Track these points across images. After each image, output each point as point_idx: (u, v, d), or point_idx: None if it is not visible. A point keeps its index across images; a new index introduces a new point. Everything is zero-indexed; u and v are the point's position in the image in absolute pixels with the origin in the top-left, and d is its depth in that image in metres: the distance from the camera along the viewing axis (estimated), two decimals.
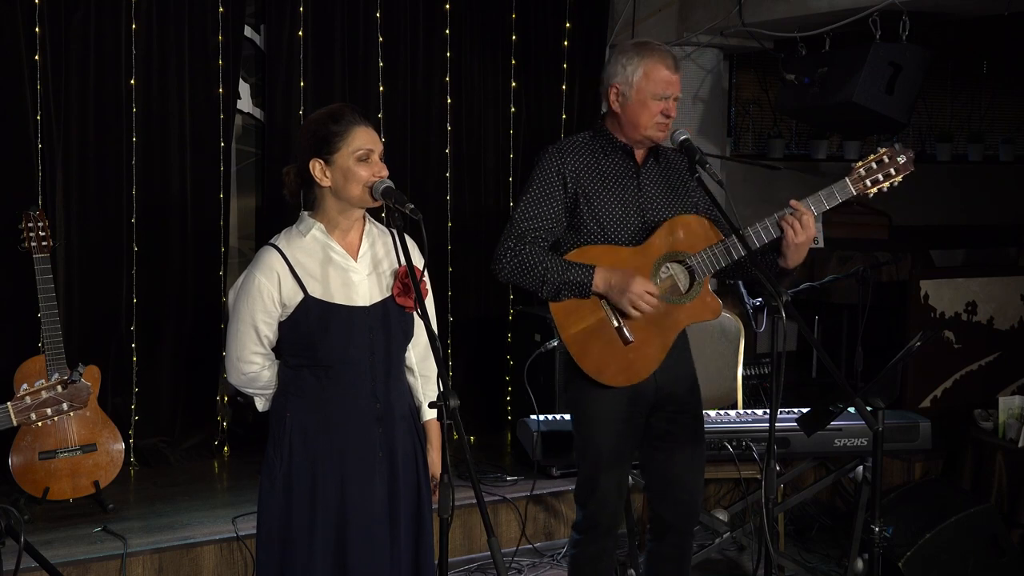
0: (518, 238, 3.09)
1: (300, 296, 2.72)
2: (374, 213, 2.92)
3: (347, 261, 2.76)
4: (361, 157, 2.69)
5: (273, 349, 2.84)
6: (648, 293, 3.01)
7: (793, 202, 3.02)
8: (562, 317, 3.11)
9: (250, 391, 2.86)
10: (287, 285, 2.72)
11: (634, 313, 3.04)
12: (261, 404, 2.88)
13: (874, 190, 3.03)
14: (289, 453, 2.77)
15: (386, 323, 2.79)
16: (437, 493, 2.90)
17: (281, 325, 2.76)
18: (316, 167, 2.72)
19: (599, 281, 3.03)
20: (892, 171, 3.02)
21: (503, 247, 3.10)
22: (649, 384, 3.15)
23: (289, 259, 2.72)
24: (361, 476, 2.78)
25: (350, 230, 2.80)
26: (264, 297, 2.72)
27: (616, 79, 3.10)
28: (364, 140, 2.70)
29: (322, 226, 2.76)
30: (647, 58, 3.07)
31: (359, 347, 2.75)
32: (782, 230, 3.02)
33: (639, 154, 3.18)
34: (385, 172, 2.72)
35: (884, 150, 3.03)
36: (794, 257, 3.04)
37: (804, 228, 2.99)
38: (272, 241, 2.78)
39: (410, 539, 2.87)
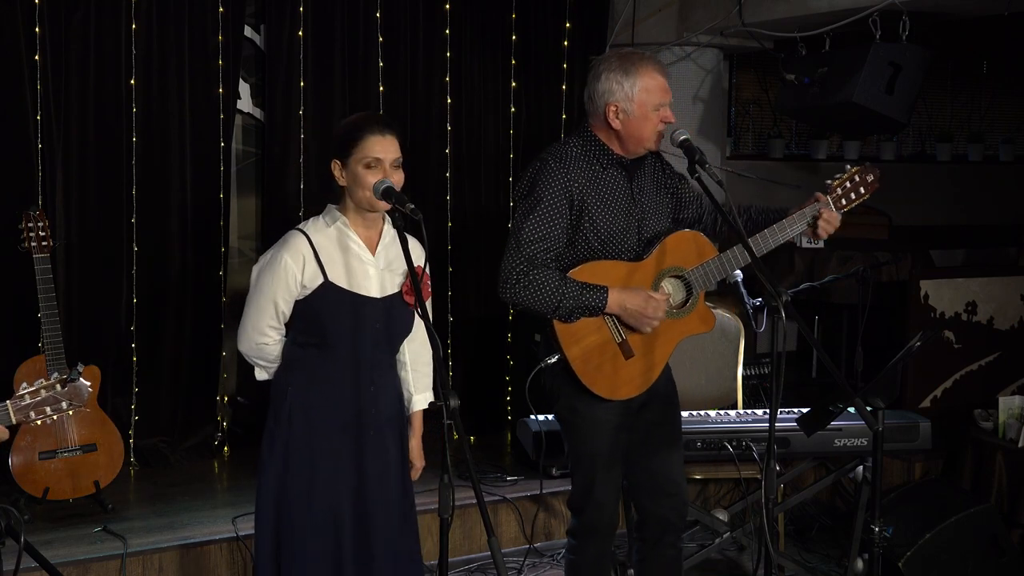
0: (528, 262, 3.03)
1: (320, 280, 2.92)
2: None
3: (365, 254, 2.97)
4: (368, 164, 2.87)
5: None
6: (661, 311, 3.06)
7: (821, 209, 3.14)
8: (566, 336, 3.10)
9: (256, 360, 3.06)
10: (310, 268, 2.91)
11: (647, 331, 3.08)
12: (262, 375, 3.10)
13: (847, 208, 3.19)
14: (289, 425, 2.97)
15: (391, 316, 3.00)
16: (413, 473, 3.17)
17: (297, 303, 2.96)
18: (336, 167, 2.95)
19: (613, 303, 3.04)
20: (862, 189, 3.18)
21: (513, 272, 3.04)
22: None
23: (315, 244, 2.93)
24: (354, 455, 2.99)
25: (370, 227, 3.00)
26: (288, 277, 2.91)
27: (614, 97, 3.07)
28: (373, 149, 2.88)
29: (346, 220, 2.98)
30: (640, 70, 3.06)
31: (364, 334, 2.96)
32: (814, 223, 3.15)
33: (629, 163, 3.18)
34: (395, 179, 2.87)
35: (855, 169, 3.20)
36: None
37: (831, 223, 3.14)
38: (300, 227, 2.98)
39: (398, 514, 3.07)
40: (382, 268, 2.99)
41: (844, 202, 3.17)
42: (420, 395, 3.17)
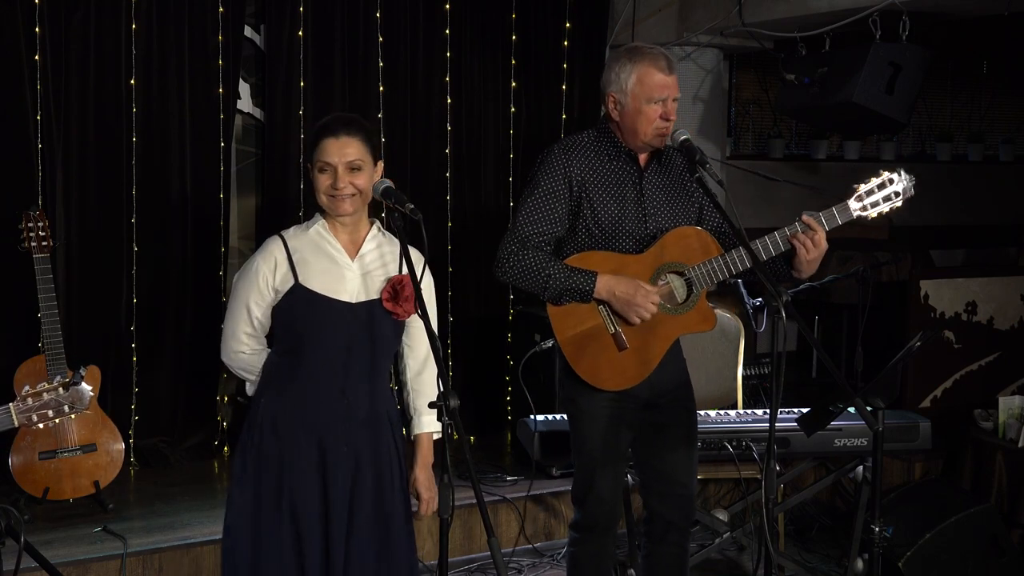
0: (521, 242, 3.07)
1: (291, 283, 2.84)
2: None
3: (342, 258, 2.87)
4: (320, 168, 2.82)
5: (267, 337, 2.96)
6: (652, 303, 3.03)
7: (805, 217, 3.02)
8: (559, 320, 3.11)
9: (238, 371, 3.00)
10: (282, 272, 2.85)
11: (636, 321, 3.05)
12: (251, 389, 3.00)
13: (874, 213, 3.05)
14: (260, 434, 2.87)
15: (370, 324, 2.86)
16: (420, 507, 2.98)
17: (274, 311, 2.88)
18: (309, 170, 2.88)
19: (602, 288, 3.04)
20: (893, 195, 3.05)
21: (506, 250, 3.08)
22: (643, 383, 3.16)
23: (289, 248, 2.86)
24: (322, 469, 2.85)
25: (352, 231, 2.90)
26: (260, 280, 2.86)
27: (611, 87, 3.10)
28: (324, 152, 2.80)
29: (326, 223, 2.89)
30: (639, 63, 3.06)
31: (335, 341, 2.84)
32: (792, 246, 3.03)
33: (642, 158, 3.17)
34: (346, 185, 2.79)
35: (887, 174, 3.05)
36: (808, 270, 3.06)
37: (816, 245, 3.00)
38: (281, 232, 2.92)
39: (373, 542, 2.89)
40: (361, 273, 2.87)
41: (870, 206, 3.04)
42: (421, 417, 2.98)
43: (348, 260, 2.87)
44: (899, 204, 3.07)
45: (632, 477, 3.71)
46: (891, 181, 3.05)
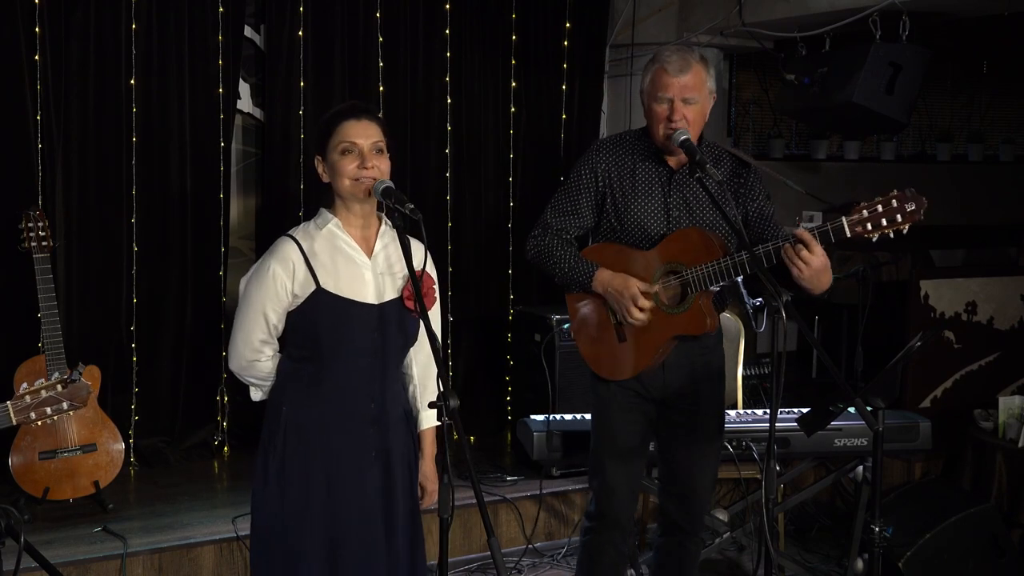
0: (544, 228, 3.25)
1: (312, 287, 2.72)
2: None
3: (360, 257, 2.77)
4: (344, 151, 2.71)
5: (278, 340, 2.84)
6: (639, 308, 3.04)
7: (797, 231, 2.83)
8: (571, 304, 3.29)
9: (249, 379, 2.86)
10: (300, 276, 2.72)
11: (626, 318, 3.10)
12: (257, 395, 2.88)
13: (876, 235, 2.80)
14: (283, 448, 2.76)
15: (390, 324, 2.78)
16: (426, 499, 2.94)
17: (289, 315, 2.76)
18: (318, 164, 2.79)
19: (598, 282, 3.14)
20: (898, 217, 2.77)
21: (532, 233, 3.27)
22: (656, 379, 3.17)
23: (305, 250, 2.73)
24: (353, 475, 2.78)
25: (365, 228, 2.81)
26: (277, 286, 2.72)
27: (640, 88, 3.19)
28: (347, 133, 2.71)
29: (338, 221, 2.78)
30: (653, 64, 3.12)
31: (362, 344, 2.75)
32: (787, 261, 2.86)
33: (672, 161, 3.15)
34: (374, 166, 2.70)
35: (895, 194, 2.77)
36: (811, 285, 2.86)
37: (808, 263, 2.80)
38: (290, 232, 2.79)
39: (406, 540, 2.88)
40: (380, 272, 2.78)
41: (871, 227, 2.79)
42: (429, 412, 2.90)
43: (365, 259, 2.77)
44: (905, 228, 2.80)
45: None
46: (897, 201, 2.77)
